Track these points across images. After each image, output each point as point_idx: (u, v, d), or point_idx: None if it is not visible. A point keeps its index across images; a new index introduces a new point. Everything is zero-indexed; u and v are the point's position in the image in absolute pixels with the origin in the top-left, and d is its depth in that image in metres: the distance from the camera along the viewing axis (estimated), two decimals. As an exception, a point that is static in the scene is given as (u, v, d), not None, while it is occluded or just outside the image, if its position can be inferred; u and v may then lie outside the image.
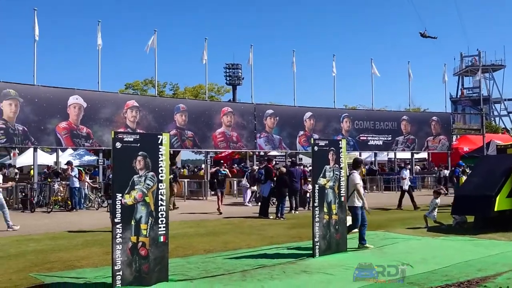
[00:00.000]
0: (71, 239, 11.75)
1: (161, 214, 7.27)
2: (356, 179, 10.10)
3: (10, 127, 20.63)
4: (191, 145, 26.39)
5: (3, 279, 7.54)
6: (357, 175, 10.27)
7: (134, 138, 7.16)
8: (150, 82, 42.55)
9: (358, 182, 10.08)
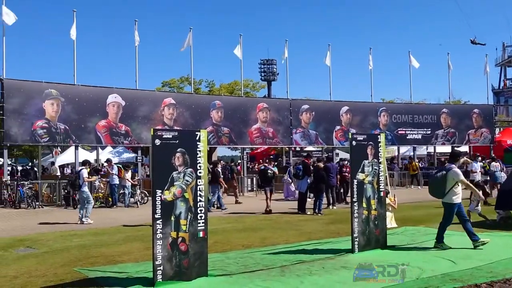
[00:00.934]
0: (113, 234, 12.01)
1: (200, 210, 7.34)
2: (458, 174, 9.21)
3: (52, 126, 21.25)
4: (227, 142, 26.54)
5: (49, 273, 7.78)
6: (457, 169, 9.32)
7: (173, 135, 7.24)
8: (186, 80, 42.96)
9: (462, 178, 9.27)
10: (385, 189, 9.90)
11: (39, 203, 19.52)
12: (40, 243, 10.82)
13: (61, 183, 20.77)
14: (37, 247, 10.35)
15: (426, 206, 17.16)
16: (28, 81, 21.42)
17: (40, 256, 9.36)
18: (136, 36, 24.26)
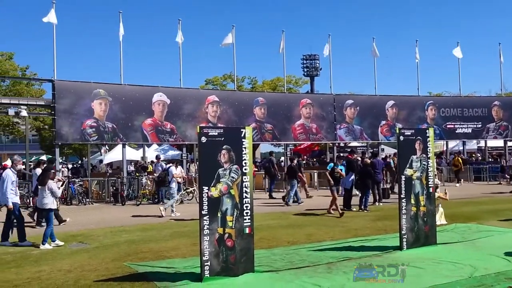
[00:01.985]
0: (160, 230, 12.24)
1: (246, 206, 7.38)
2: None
3: (100, 125, 21.85)
4: (270, 138, 26.53)
5: (101, 268, 8.01)
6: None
7: (218, 132, 7.31)
8: (229, 77, 43.31)
9: None
10: (434, 184, 9.64)
11: (89, 200, 20.14)
12: (91, 238, 11.16)
13: (110, 180, 21.34)
14: (89, 242, 10.68)
15: (476, 202, 16.65)
16: (77, 82, 22.12)
17: (92, 251, 9.65)
18: (179, 35, 24.62)
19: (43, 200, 10.45)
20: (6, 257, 9.15)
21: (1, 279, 7.39)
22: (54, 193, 10.62)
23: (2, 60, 36.32)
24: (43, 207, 10.49)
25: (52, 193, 10.55)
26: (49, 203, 10.51)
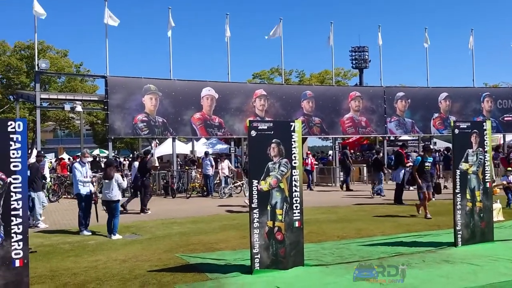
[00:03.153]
0: (209, 223, 12.41)
1: (295, 200, 7.36)
2: None
3: (151, 120, 22.34)
4: (318, 132, 26.31)
5: (154, 258, 8.22)
6: None
7: (268, 126, 7.31)
8: (276, 71, 43.22)
9: None
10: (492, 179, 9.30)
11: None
12: (143, 230, 11.46)
13: (160, 173, 21.82)
14: (141, 233, 10.97)
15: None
16: (129, 77, 22.68)
17: (145, 242, 9.91)
18: (227, 29, 24.76)
19: (112, 192, 10.87)
20: (65, 247, 9.53)
21: (61, 267, 7.72)
22: (121, 185, 11.06)
23: (58, 58, 37.69)
24: (112, 199, 10.91)
25: (119, 185, 10.97)
26: (117, 195, 10.96)
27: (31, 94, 25.19)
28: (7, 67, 37.07)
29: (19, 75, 37.07)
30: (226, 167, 20.79)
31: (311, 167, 22.94)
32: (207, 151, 23.67)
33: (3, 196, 5.34)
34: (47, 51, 37.44)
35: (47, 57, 32.42)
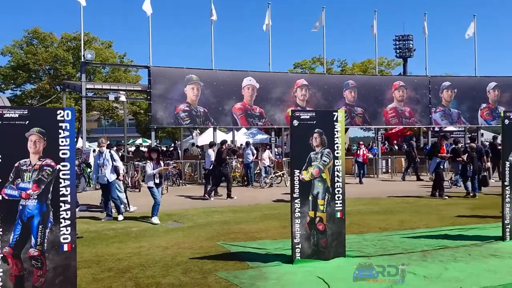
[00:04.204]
0: (250, 212, 12.47)
1: (337, 191, 7.29)
2: None
3: (193, 109, 22.58)
4: (360, 122, 25.94)
5: (195, 246, 8.33)
6: None
7: (310, 116, 7.24)
8: (318, 60, 42.82)
9: None
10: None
11: (182, 181, 20.97)
12: (185, 218, 11.62)
13: (201, 162, 22.05)
14: (183, 221, 11.14)
15: None
16: (171, 67, 22.96)
17: (186, 230, 10.05)
18: (267, 19, 24.64)
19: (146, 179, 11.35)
20: (109, 233, 9.79)
21: (106, 252, 7.93)
22: (146, 173, 11.32)
23: (102, 48, 38.56)
24: (146, 185, 11.38)
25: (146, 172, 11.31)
26: (149, 182, 11.22)
27: (77, 84, 25.90)
28: (54, 58, 38.21)
29: (66, 66, 38.17)
30: (267, 157, 20.79)
31: (363, 159, 21.15)
32: (248, 141, 23.72)
33: (52, 182, 5.51)
34: (92, 42, 38.37)
35: (92, 48, 33.19)
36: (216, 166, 16.04)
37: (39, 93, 40.17)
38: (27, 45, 39.19)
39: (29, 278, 5.37)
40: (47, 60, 38.14)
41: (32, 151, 5.41)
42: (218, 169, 16.00)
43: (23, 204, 5.36)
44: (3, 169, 5.26)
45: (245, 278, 6.32)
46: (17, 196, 5.33)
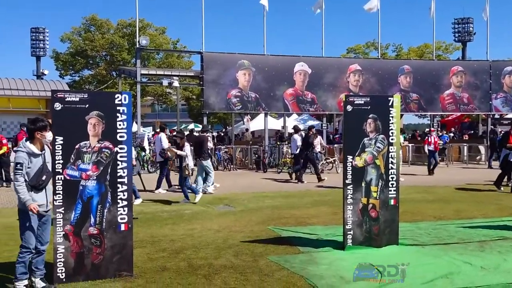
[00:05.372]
0: (301, 198, 12.45)
1: (391, 178, 7.14)
2: None
3: (244, 95, 22.69)
4: (415, 108, 25.26)
5: (246, 230, 8.41)
6: None
7: (365, 101, 7.10)
8: (372, 45, 41.92)
9: None
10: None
11: (233, 166, 21.19)
12: (236, 202, 11.75)
13: (252, 148, 22.19)
14: (234, 205, 11.26)
15: None
16: (223, 53, 23.12)
17: (238, 213, 10.17)
18: (321, 2, 24.28)
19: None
20: (163, 215, 10.05)
21: (160, 233, 8.15)
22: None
23: (156, 35, 39.32)
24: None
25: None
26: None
27: (132, 70, 26.60)
28: (110, 45, 39.35)
29: (121, 52, 39.23)
30: (318, 144, 20.60)
31: (435, 146, 18.99)
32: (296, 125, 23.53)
33: (110, 164, 5.69)
34: (146, 28, 39.20)
35: (146, 34, 33.90)
36: (303, 150, 16.24)
37: (96, 78, 41.58)
38: (85, 32, 40.54)
39: (89, 255, 5.60)
40: (103, 46, 39.32)
41: (91, 133, 5.60)
42: (304, 153, 16.17)
43: (83, 184, 5.57)
44: (65, 150, 5.47)
45: (296, 262, 6.33)
46: (78, 177, 5.55)
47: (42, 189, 5.23)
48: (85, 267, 5.58)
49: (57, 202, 5.42)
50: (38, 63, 52.82)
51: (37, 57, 52.55)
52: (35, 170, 5.18)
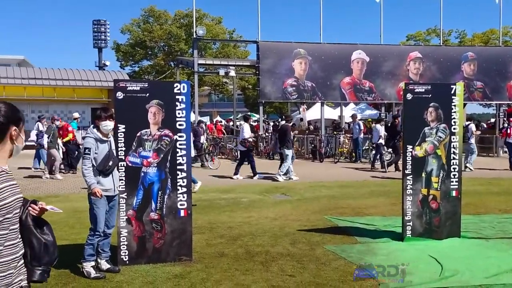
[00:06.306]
0: (358, 188, 12.28)
1: (453, 168, 6.92)
2: None
3: (300, 84, 22.56)
4: (480, 97, 24.22)
5: (303, 218, 8.41)
6: None
7: (426, 89, 6.90)
8: (433, 31, 40.48)
9: None
10: None
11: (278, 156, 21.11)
12: (293, 191, 11.75)
13: (308, 137, 22.07)
14: (291, 194, 11.27)
15: None
16: (279, 42, 23.08)
17: (294, 202, 10.18)
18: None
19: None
20: (221, 202, 10.21)
21: (218, 220, 8.30)
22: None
23: (212, 25, 39.74)
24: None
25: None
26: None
27: (189, 60, 27.04)
28: (168, 35, 40.16)
29: (179, 42, 39.95)
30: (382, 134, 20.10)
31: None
32: (355, 113, 23.20)
33: (170, 152, 5.84)
34: (203, 18, 39.71)
35: (203, 24, 34.34)
36: (391, 139, 16.29)
37: (155, 69, 42.62)
38: (143, 23, 41.58)
39: (150, 239, 5.80)
40: (161, 37, 40.19)
41: (152, 122, 5.77)
42: (392, 142, 16.20)
43: (144, 171, 5.76)
44: (127, 138, 5.67)
45: (353, 252, 6.27)
46: (139, 164, 5.74)
47: (109, 174, 5.44)
48: (146, 250, 5.78)
49: (120, 187, 5.63)
50: (100, 55, 54.61)
51: (99, 48, 54.30)
52: (102, 155, 5.40)
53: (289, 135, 14.11)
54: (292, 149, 14.41)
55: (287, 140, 13.86)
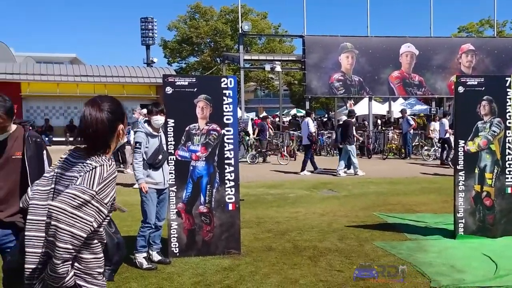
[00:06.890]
0: (408, 184, 12.02)
1: (508, 164, 6.69)
2: None
3: (347, 79, 22.29)
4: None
5: (351, 215, 8.32)
6: None
7: (478, 82, 6.67)
8: (487, 22, 38.95)
9: None
10: None
11: (336, 151, 20.92)
12: (340, 187, 11.64)
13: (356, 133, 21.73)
14: (338, 190, 11.18)
15: None
16: (325, 36, 22.88)
17: (342, 198, 10.09)
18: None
19: None
20: (268, 197, 10.26)
21: (266, 215, 8.34)
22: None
23: (257, 20, 39.80)
24: None
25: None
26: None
27: (235, 56, 27.23)
28: (214, 31, 40.52)
29: (225, 38, 40.24)
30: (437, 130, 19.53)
31: None
32: (404, 108, 22.73)
33: (218, 146, 5.92)
34: (248, 14, 39.83)
35: (248, 19, 34.44)
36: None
37: (201, 65, 43.13)
38: (190, 20, 42.12)
39: (199, 232, 5.90)
40: (208, 33, 40.61)
41: (200, 116, 5.86)
42: (443, 137, 16.17)
43: (193, 165, 5.87)
44: (176, 132, 5.79)
45: (403, 249, 6.16)
46: (188, 158, 5.85)
47: (159, 168, 5.57)
48: (196, 243, 5.89)
49: (170, 181, 5.76)
50: (147, 52, 55.78)
51: (147, 45, 55.45)
52: (152, 149, 5.53)
53: (351, 130, 14.11)
54: (353, 145, 14.42)
55: (349, 135, 13.90)
